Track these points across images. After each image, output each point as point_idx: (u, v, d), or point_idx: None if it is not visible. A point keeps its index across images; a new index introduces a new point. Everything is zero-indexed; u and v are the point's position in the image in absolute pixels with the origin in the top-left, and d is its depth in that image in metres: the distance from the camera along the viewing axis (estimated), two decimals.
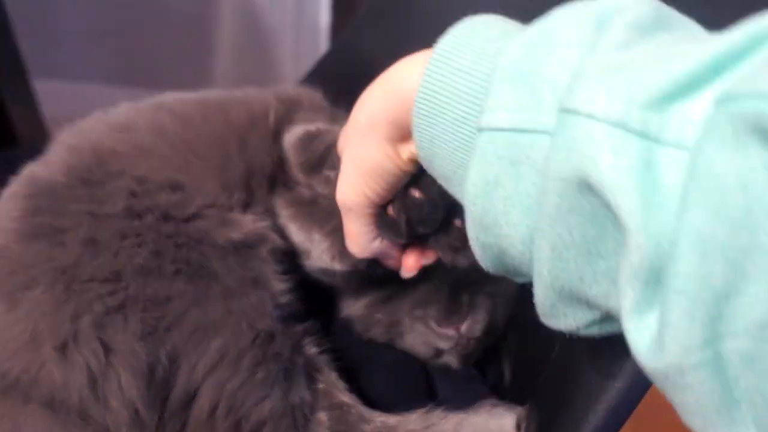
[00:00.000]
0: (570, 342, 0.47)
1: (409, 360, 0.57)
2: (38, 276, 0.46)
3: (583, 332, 0.32)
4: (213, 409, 0.46)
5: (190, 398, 0.46)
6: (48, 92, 1.16)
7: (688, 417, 0.25)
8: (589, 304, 0.30)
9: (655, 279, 0.24)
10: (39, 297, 0.46)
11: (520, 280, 0.35)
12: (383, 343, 0.58)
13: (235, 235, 0.50)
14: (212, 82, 1.49)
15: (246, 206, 0.54)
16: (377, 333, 0.58)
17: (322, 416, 0.49)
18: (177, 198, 0.51)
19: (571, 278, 0.28)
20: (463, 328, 0.54)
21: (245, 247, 0.51)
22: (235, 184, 0.54)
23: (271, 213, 0.56)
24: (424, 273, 0.47)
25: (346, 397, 0.51)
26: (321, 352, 0.52)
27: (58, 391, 0.44)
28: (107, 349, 0.45)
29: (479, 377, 0.56)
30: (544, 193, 0.28)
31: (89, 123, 0.57)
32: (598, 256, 0.27)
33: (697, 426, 0.25)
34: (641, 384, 0.41)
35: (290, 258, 0.55)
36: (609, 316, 0.30)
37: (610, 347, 0.42)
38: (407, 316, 0.56)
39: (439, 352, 0.57)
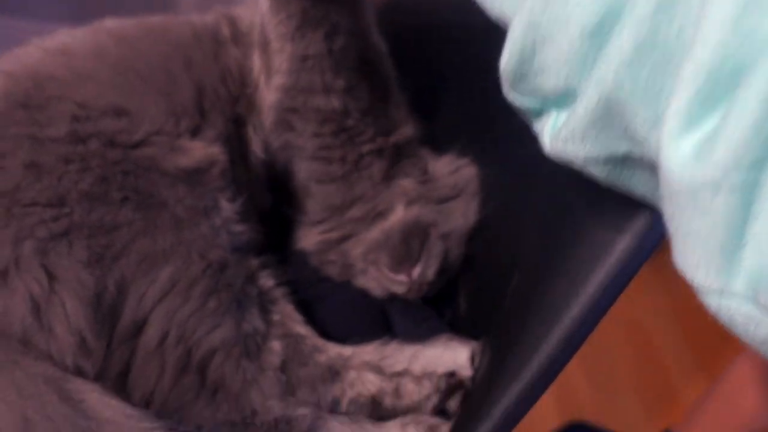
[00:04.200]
0: (527, 270, 0.47)
1: (366, 295, 0.56)
2: None
3: (594, 169, 0.29)
4: (163, 338, 0.46)
5: (139, 327, 0.45)
6: None
7: (688, 251, 0.24)
8: (626, 132, 0.27)
9: (725, 80, 0.23)
10: None
11: (519, 94, 0.31)
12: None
13: (185, 161, 0.49)
14: (176, 12, 1.42)
15: (196, 132, 0.52)
16: (332, 272, 0.57)
17: (276, 345, 0.49)
18: (122, 124, 0.49)
19: (635, 89, 0.26)
20: (415, 273, 0.53)
21: (195, 175, 0.49)
22: (183, 107, 0.52)
23: (224, 136, 0.54)
24: None
25: (301, 329, 0.51)
26: (277, 285, 0.52)
27: None
28: (51, 276, 0.44)
29: (435, 313, 0.56)
30: None
31: (26, 50, 0.54)
32: (677, 68, 0.24)
33: (690, 263, 0.24)
34: (594, 315, 0.41)
35: (241, 183, 0.53)
36: (628, 162, 0.28)
37: (565, 280, 0.43)
38: (360, 260, 0.56)
39: (393, 294, 0.56)
